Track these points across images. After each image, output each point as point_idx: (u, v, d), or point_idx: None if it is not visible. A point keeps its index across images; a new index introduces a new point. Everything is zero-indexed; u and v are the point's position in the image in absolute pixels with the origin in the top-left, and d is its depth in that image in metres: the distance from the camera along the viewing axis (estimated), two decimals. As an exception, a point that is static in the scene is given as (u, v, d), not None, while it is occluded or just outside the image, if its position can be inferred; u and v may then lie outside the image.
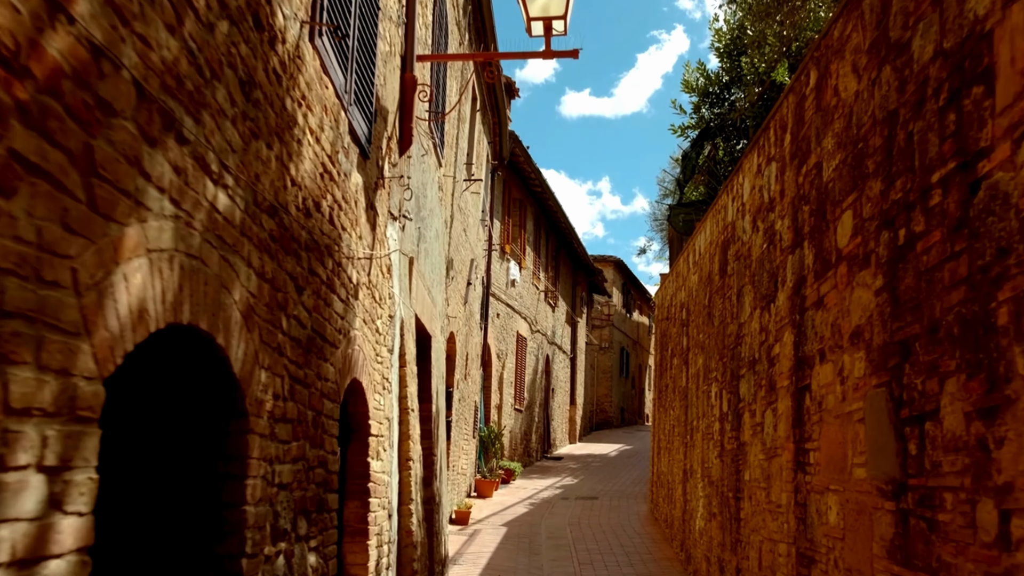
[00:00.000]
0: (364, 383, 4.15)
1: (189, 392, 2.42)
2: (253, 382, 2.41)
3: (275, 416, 2.67)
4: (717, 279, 7.70)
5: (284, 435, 2.77)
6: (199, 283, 1.96)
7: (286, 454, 2.78)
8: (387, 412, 4.77)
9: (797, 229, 4.83)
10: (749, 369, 6.07)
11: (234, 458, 2.34)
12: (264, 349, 2.53)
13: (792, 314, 4.86)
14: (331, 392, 3.43)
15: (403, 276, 5.45)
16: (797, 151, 4.93)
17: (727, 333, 7.04)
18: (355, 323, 3.95)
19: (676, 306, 11.18)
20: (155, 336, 2.07)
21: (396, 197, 5.22)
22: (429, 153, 6.90)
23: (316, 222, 3.26)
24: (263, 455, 2.50)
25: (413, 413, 5.33)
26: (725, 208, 7.38)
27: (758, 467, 5.66)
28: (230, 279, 2.23)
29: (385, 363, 4.75)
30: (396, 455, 5.07)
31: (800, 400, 4.64)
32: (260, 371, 2.48)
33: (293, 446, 2.88)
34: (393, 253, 5.09)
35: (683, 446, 9.83)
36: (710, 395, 7.86)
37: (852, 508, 3.72)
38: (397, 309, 5.12)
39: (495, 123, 14.72)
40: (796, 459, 4.68)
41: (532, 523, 12.07)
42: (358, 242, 4.12)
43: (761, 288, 5.75)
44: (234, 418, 2.35)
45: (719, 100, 10.08)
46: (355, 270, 4.03)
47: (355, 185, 4.10)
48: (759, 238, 5.91)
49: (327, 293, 3.40)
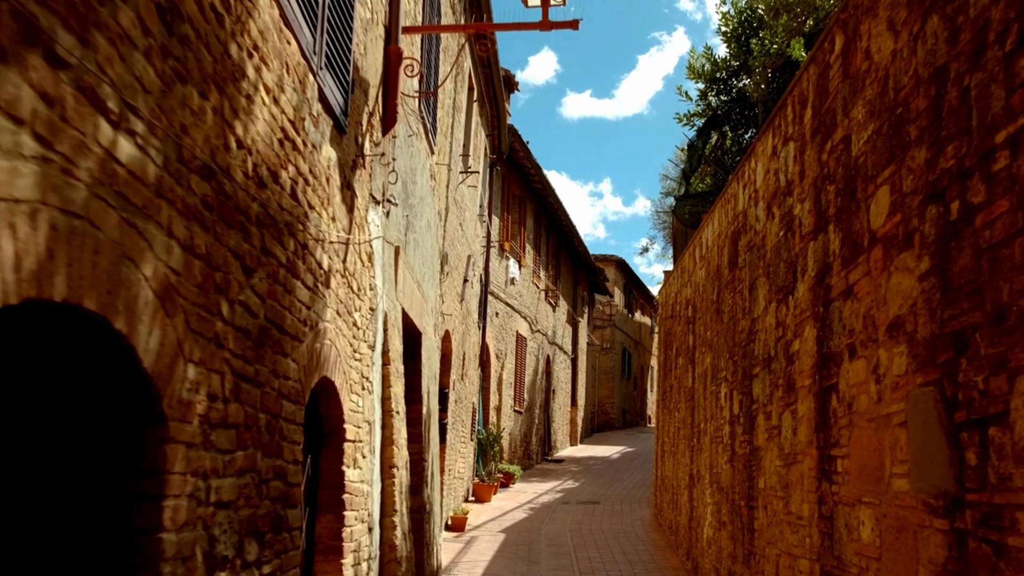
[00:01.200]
0: (337, 382, 3.70)
1: (103, 394, 1.96)
2: (175, 379, 1.96)
3: (211, 421, 2.21)
4: (726, 273, 7.23)
5: (225, 443, 2.31)
6: (84, 250, 1.51)
7: (228, 466, 2.33)
8: (367, 415, 4.32)
9: (820, 212, 4.38)
10: (763, 368, 5.61)
11: (149, 474, 1.88)
12: (193, 339, 2.07)
13: (815, 306, 4.40)
14: (293, 392, 2.98)
15: (387, 266, 5.00)
16: (820, 127, 4.47)
17: (738, 330, 6.58)
18: (325, 314, 3.50)
19: (681, 303, 10.72)
20: (55, 321, 1.62)
21: (379, 179, 4.77)
22: (419, 137, 6.45)
23: (273, 195, 2.81)
24: (192, 469, 2.04)
25: (398, 416, 4.88)
26: (735, 196, 6.92)
27: (774, 474, 5.19)
28: (138, 249, 1.78)
29: (365, 360, 4.30)
30: (378, 462, 4.61)
31: (824, 401, 4.17)
32: (186, 366, 2.03)
33: (239, 456, 2.42)
34: (375, 240, 4.64)
35: (689, 450, 9.36)
36: (719, 396, 7.40)
37: (891, 525, 3.26)
38: (380, 301, 4.67)
39: (493, 116, 14.27)
40: (820, 467, 4.22)
41: (531, 529, 11.61)
42: (331, 224, 3.67)
43: (777, 280, 5.29)
44: (151, 425, 1.89)
45: (727, 87, 9.63)
46: (326, 255, 3.58)
47: (327, 160, 3.65)
48: (774, 225, 5.45)
49: (287, 278, 2.94)
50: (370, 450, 4.38)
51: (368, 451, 4.31)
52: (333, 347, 3.59)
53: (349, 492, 3.90)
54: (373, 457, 4.45)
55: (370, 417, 4.38)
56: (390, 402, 4.72)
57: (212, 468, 2.20)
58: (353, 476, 3.97)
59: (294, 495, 2.99)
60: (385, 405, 4.72)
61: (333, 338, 3.60)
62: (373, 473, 4.41)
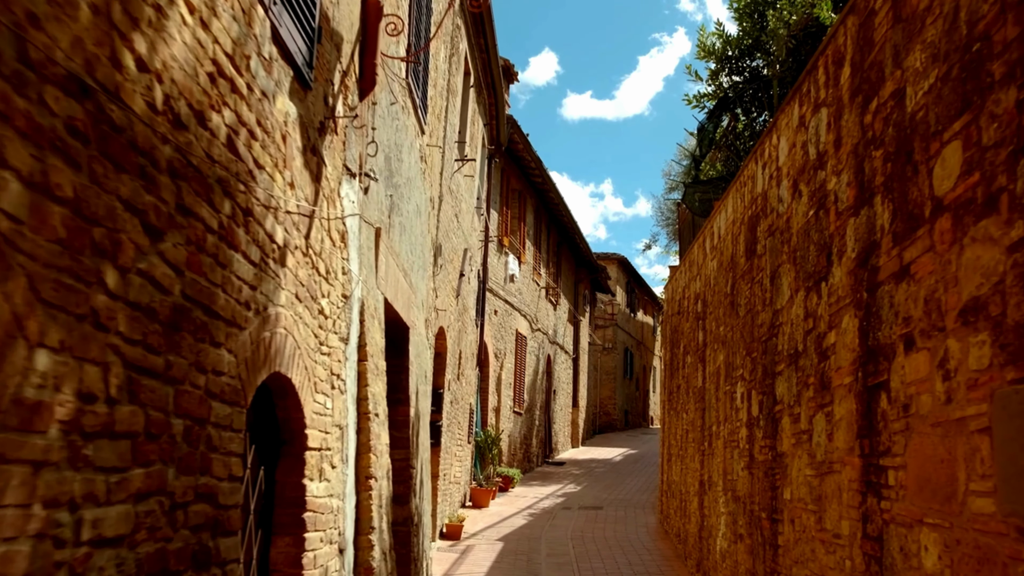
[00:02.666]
0: (296, 380, 3.11)
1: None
2: (8, 371, 1.37)
3: (84, 429, 1.63)
4: (742, 262, 6.63)
5: (111, 459, 1.73)
6: None
7: (117, 489, 1.75)
8: (338, 418, 3.72)
9: (863, 184, 3.78)
10: (789, 365, 5.01)
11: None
12: (47, 315, 1.49)
13: (856, 292, 3.80)
14: (227, 391, 2.39)
15: (366, 249, 4.41)
16: (862, 85, 3.87)
17: (757, 324, 5.98)
18: (278, 297, 2.91)
19: (689, 298, 10.11)
20: None
21: (355, 148, 4.18)
22: (406, 111, 5.86)
23: (199, 141, 2.22)
24: (43, 497, 1.46)
25: (377, 419, 4.29)
26: (753, 178, 6.32)
27: (804, 485, 4.59)
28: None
29: (335, 355, 3.71)
30: (353, 472, 4.02)
31: (870, 402, 3.57)
32: (33, 352, 1.45)
33: (135, 475, 1.83)
34: (350, 218, 4.05)
35: (699, 454, 8.75)
36: (734, 396, 6.80)
37: (968, 554, 2.66)
38: (355, 289, 4.08)
39: (491, 104, 13.67)
40: (865, 478, 3.62)
41: (531, 537, 11.01)
42: (287, 191, 3.08)
43: (806, 265, 4.69)
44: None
45: (739, 67, 9.02)
46: (281, 227, 2.99)
47: (283, 114, 3.06)
48: (802, 205, 4.85)
49: (220, 248, 2.35)
50: (342, 459, 3.78)
51: (339, 460, 3.71)
52: (290, 337, 3.00)
53: (312, 509, 3.30)
54: (346, 467, 3.86)
55: (342, 420, 3.79)
56: (367, 403, 4.12)
57: (86, 494, 1.62)
58: (318, 490, 3.37)
59: (229, 520, 2.40)
60: (361, 407, 4.12)
61: (289, 327, 3.02)
62: (346, 485, 3.82)
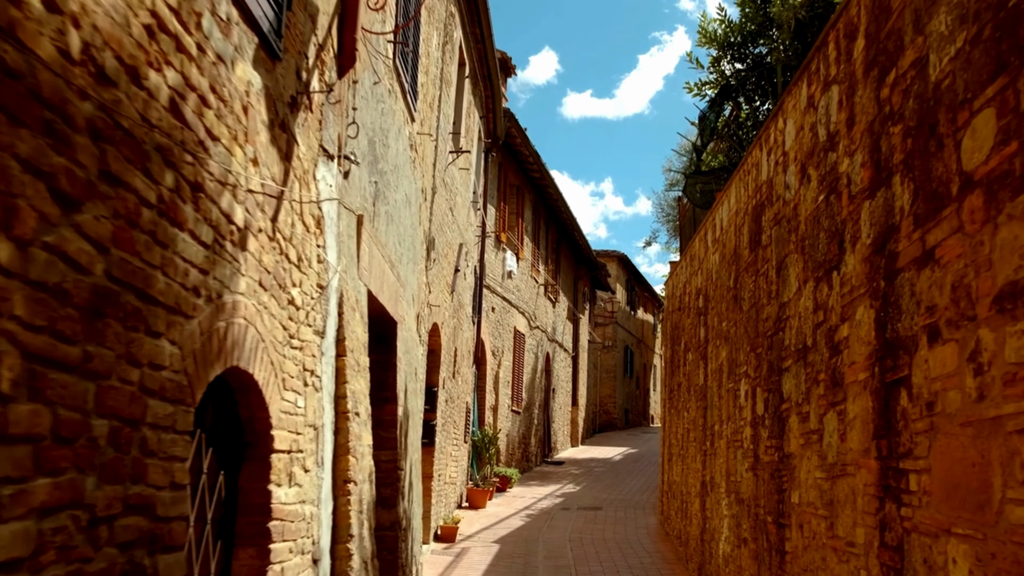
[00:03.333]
0: (260, 376, 2.82)
1: None
2: None
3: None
4: (746, 254, 6.35)
5: (1, 467, 1.44)
6: None
7: (10, 504, 1.46)
8: (312, 418, 3.43)
9: (879, 163, 3.50)
10: (796, 361, 4.72)
11: None
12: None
13: (871, 281, 3.52)
14: (169, 387, 2.10)
15: (346, 238, 4.12)
16: (878, 57, 3.59)
17: (762, 318, 5.70)
18: (237, 284, 2.63)
19: (690, 294, 9.83)
20: None
21: (333, 129, 3.89)
22: (393, 95, 5.57)
23: (132, 100, 1.94)
24: None
25: (358, 418, 4.00)
26: (757, 165, 6.03)
27: (814, 488, 4.31)
28: None
29: (308, 350, 3.42)
30: (330, 476, 3.73)
31: (888, 399, 3.29)
32: None
33: (39, 486, 1.55)
34: (327, 202, 3.77)
35: (701, 454, 8.47)
36: (738, 394, 6.51)
37: (1005, 569, 2.38)
38: (333, 279, 3.80)
39: (488, 97, 13.38)
40: (882, 482, 3.34)
41: (528, 539, 10.73)
42: (251, 167, 2.80)
43: (816, 254, 4.41)
44: None
45: (741, 55, 8.73)
46: (242, 207, 2.70)
47: (244, 83, 2.77)
48: (810, 190, 4.57)
49: (160, 225, 2.07)
50: (316, 462, 3.49)
51: (313, 463, 3.42)
52: (251, 328, 2.71)
53: (280, 518, 3.01)
54: (321, 470, 3.57)
55: (317, 420, 3.49)
56: (346, 402, 3.83)
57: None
58: (286, 496, 3.08)
59: (171, 534, 2.11)
60: (339, 405, 3.83)
61: (251, 317, 2.73)
62: (321, 490, 3.53)
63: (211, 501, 2.79)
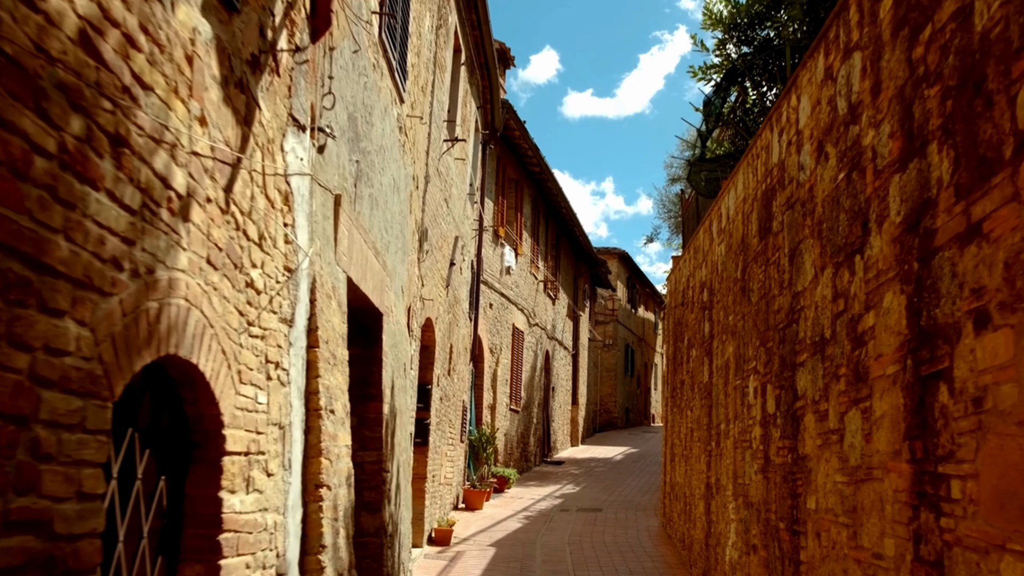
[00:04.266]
0: (207, 368, 2.45)
1: None
2: None
3: None
4: (755, 243, 5.99)
5: None
6: None
7: None
8: (277, 416, 3.06)
9: (911, 132, 3.13)
10: (813, 354, 4.36)
11: None
12: None
13: (902, 263, 3.15)
14: (75, 377, 1.74)
15: (321, 218, 3.75)
16: (908, 14, 3.22)
17: (773, 310, 5.34)
18: (175, 259, 2.27)
19: (694, 288, 9.46)
20: None
21: (305, 96, 3.53)
22: (379, 72, 5.20)
23: (23, 24, 1.58)
24: None
25: (333, 416, 3.63)
26: (768, 148, 5.67)
27: (833, 493, 3.94)
28: None
29: (272, 339, 3.05)
30: (298, 480, 3.36)
31: (924, 395, 2.93)
32: None
33: None
34: (297, 177, 3.40)
35: (705, 455, 8.10)
36: (746, 392, 6.15)
37: (1078, 595, 2.01)
38: (303, 262, 3.43)
39: (485, 87, 13.02)
40: (917, 488, 2.97)
41: (526, 542, 10.36)
42: (197, 127, 2.43)
43: (835, 238, 4.05)
44: None
45: (748, 37, 8.36)
46: (184, 170, 2.34)
47: (190, 30, 2.41)
48: (829, 169, 4.21)
49: (61, 179, 1.70)
50: (282, 465, 3.12)
51: (278, 466, 3.05)
52: (195, 311, 2.35)
53: (233, 529, 2.64)
54: (288, 474, 3.20)
55: (283, 418, 3.12)
56: (318, 398, 3.45)
57: None
58: (242, 504, 2.71)
59: (77, 554, 1.75)
60: (311, 402, 3.46)
61: (195, 298, 2.36)
62: (288, 497, 3.15)
63: (148, 511, 2.43)
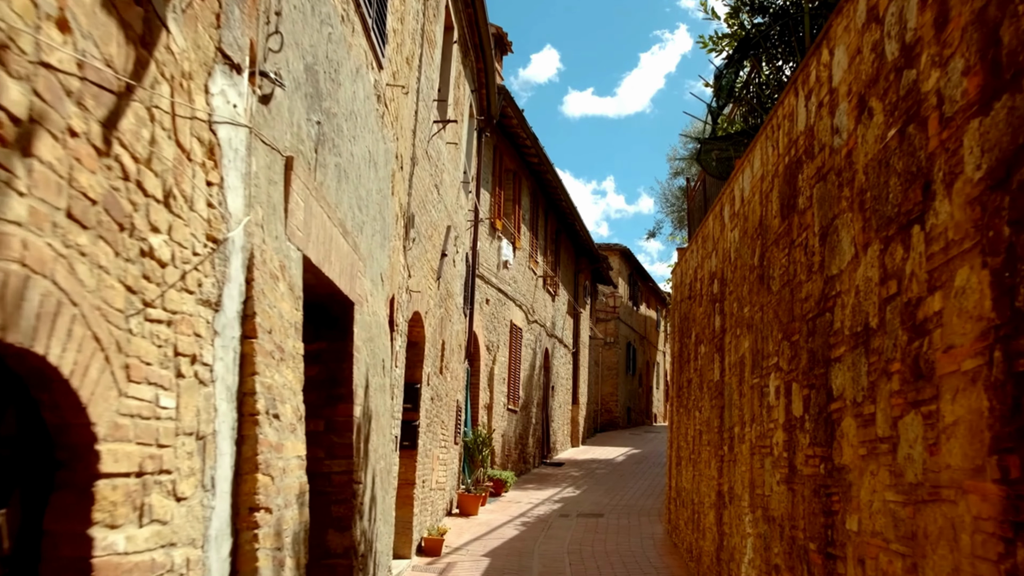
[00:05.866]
0: (66, 362, 1.77)
1: None
2: None
3: None
4: (776, 224, 5.33)
5: None
6: None
7: None
8: (191, 423, 2.39)
9: (997, 63, 2.48)
10: (854, 347, 3.70)
11: None
12: None
13: (985, 228, 2.50)
14: None
15: (264, 182, 3.09)
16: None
17: (799, 298, 4.68)
18: (6, 206, 1.62)
19: (703, 279, 8.79)
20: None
21: (241, 31, 2.88)
22: (348, 26, 4.54)
23: None
24: None
25: (277, 422, 2.97)
26: (791, 115, 5.01)
27: (883, 514, 3.28)
28: None
29: (186, 326, 2.38)
30: (226, 504, 2.68)
31: (1021, 396, 2.27)
32: None
33: None
34: (227, 127, 2.75)
35: (716, 460, 7.44)
36: (766, 392, 5.48)
37: None
38: (236, 232, 2.77)
39: (480, 70, 12.35)
40: (1010, 517, 2.31)
41: (523, 551, 9.71)
42: (47, 28, 1.78)
43: (884, 208, 3.39)
44: None
45: (762, 5, 7.69)
46: (22, 85, 1.69)
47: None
48: (873, 127, 3.55)
49: None
50: (200, 485, 2.46)
51: (193, 487, 2.39)
52: (40, 282, 1.69)
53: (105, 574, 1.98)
54: (210, 496, 2.53)
55: (203, 427, 2.45)
56: (255, 400, 2.78)
57: None
58: (129, 541, 2.04)
59: None
60: (246, 405, 2.79)
61: (42, 264, 1.71)
62: (210, 525, 2.48)
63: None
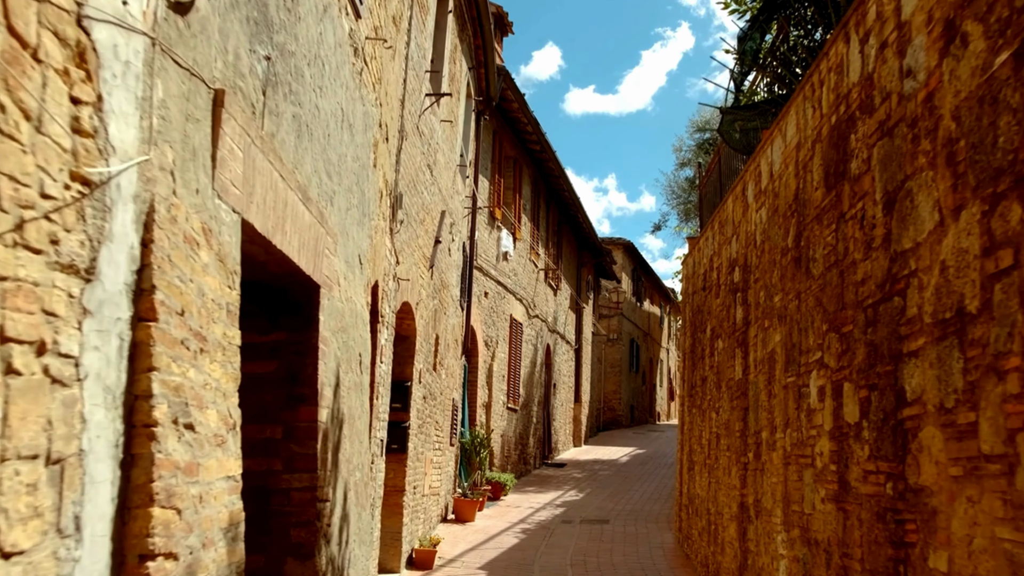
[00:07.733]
0: None
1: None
2: None
3: None
4: (818, 196, 4.56)
5: None
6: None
7: None
8: (31, 442, 1.55)
9: None
10: (940, 338, 2.94)
11: None
12: None
13: None
14: None
15: (177, 115, 2.32)
16: None
17: (853, 280, 3.91)
18: None
19: (720, 268, 8.01)
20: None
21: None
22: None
23: None
24: None
25: (190, 435, 2.22)
26: (839, 67, 4.23)
27: (991, 554, 2.52)
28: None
29: (22, 300, 1.60)
30: (105, 550, 1.92)
31: None
32: None
33: None
34: (113, 29, 1.99)
35: (739, 467, 6.67)
36: (806, 392, 4.71)
37: None
38: (120, 172, 2.00)
39: (478, 47, 11.56)
40: None
41: (522, 563, 8.95)
42: None
43: (988, 158, 2.64)
44: None
45: (789, -38, 6.89)
46: None
47: None
48: (968, 59, 2.79)
49: None
50: (56, 528, 1.71)
51: (38, 533, 1.61)
52: None
53: None
54: (70, 544, 1.77)
55: (56, 446, 1.68)
56: (151, 406, 2.01)
57: None
58: None
59: None
60: (137, 413, 2.03)
61: None
62: None
63: None
